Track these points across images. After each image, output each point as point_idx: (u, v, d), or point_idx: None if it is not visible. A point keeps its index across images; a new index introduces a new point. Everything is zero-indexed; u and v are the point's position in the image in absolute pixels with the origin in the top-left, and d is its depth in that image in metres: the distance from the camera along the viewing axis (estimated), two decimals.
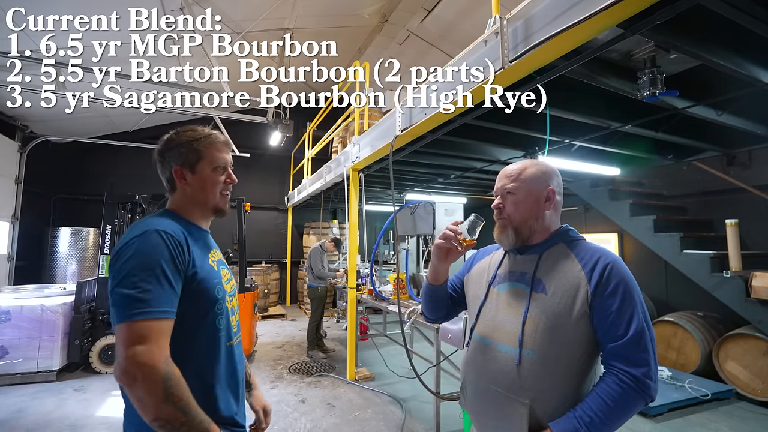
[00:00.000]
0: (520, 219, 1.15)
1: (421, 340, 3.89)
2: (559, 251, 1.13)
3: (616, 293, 1.01)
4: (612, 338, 1.00)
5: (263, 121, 5.79)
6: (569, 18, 1.57)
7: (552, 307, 1.05)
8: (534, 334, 1.05)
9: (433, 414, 3.05)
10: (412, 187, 6.84)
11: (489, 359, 1.13)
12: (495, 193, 1.22)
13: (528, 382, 1.04)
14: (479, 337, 1.19)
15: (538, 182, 1.16)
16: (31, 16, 1.96)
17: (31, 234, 6.23)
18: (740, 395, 3.78)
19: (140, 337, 0.86)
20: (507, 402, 1.07)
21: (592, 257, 1.07)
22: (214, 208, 1.12)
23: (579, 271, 1.06)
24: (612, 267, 1.03)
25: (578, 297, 1.03)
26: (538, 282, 1.10)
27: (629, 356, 0.98)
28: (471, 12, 5.66)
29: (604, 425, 0.95)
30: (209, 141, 1.10)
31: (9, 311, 3.95)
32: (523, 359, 1.05)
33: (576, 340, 1.03)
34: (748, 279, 3.53)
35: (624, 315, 0.99)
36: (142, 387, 0.84)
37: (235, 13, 5.12)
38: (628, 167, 4.47)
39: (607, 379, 0.99)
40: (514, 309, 1.12)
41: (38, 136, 6.26)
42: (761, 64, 2.12)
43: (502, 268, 1.22)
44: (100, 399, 3.65)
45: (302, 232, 9.13)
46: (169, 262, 0.94)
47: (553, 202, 1.17)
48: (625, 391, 0.96)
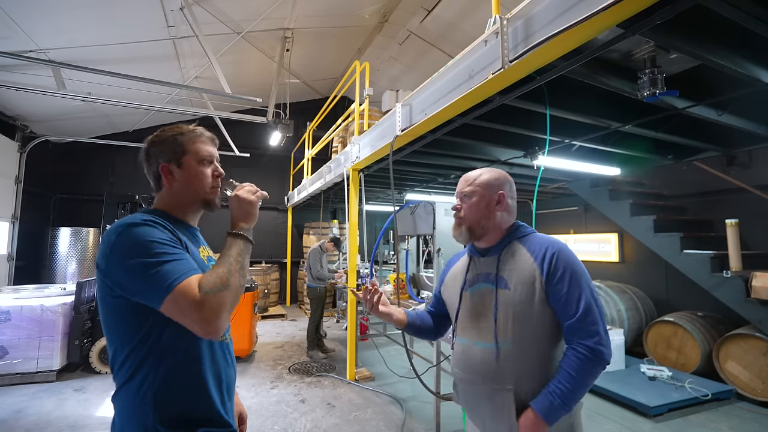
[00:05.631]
0: (473, 218, 1.30)
1: (421, 340, 3.90)
2: (514, 248, 1.27)
3: (564, 278, 1.16)
4: (566, 316, 1.15)
5: (263, 121, 5.79)
6: (569, 18, 1.57)
7: (515, 299, 1.19)
8: (505, 327, 1.20)
9: (433, 414, 3.05)
10: (412, 187, 6.83)
11: (471, 356, 1.27)
12: (456, 196, 1.37)
13: (508, 371, 1.18)
14: (460, 338, 1.33)
15: (491, 187, 1.31)
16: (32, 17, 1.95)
17: (30, 234, 6.24)
18: (740, 395, 3.78)
19: (184, 295, 0.87)
20: (494, 392, 1.20)
21: (541, 248, 1.21)
22: (204, 200, 1.11)
23: (532, 263, 1.20)
24: (558, 255, 1.18)
25: (535, 285, 1.18)
26: (501, 279, 1.24)
27: (582, 329, 1.12)
28: (471, 12, 5.66)
29: (573, 393, 1.10)
30: (194, 135, 1.10)
31: (9, 311, 3.95)
32: (500, 351, 1.20)
33: (541, 324, 1.18)
34: (748, 279, 3.53)
35: (573, 295, 1.14)
36: (220, 311, 0.88)
37: (235, 13, 5.11)
38: (628, 167, 4.47)
39: (568, 353, 1.14)
40: (484, 308, 1.26)
41: (38, 136, 6.27)
42: (761, 64, 2.11)
43: (470, 272, 1.36)
44: (100, 399, 3.65)
45: (302, 232, 9.13)
46: (167, 237, 0.96)
47: (504, 205, 1.31)
48: (582, 361, 1.10)
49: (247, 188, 1.09)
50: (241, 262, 0.98)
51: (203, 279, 0.90)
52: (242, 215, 1.05)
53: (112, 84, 5.07)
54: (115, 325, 0.95)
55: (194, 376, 0.98)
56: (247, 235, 1.03)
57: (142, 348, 0.93)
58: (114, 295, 0.93)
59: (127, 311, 0.94)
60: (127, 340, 0.94)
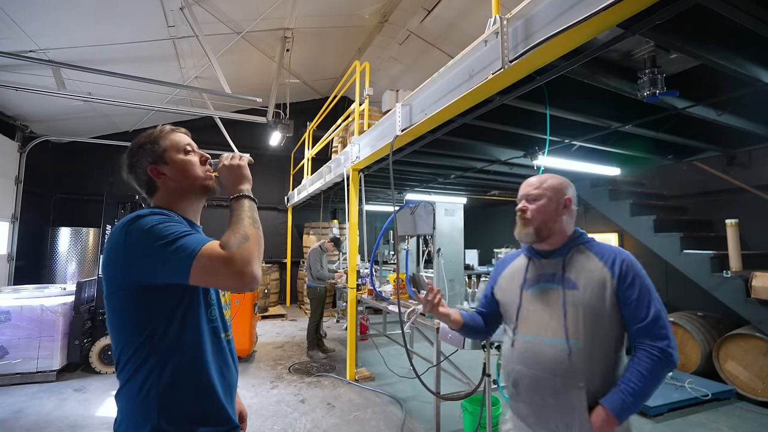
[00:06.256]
0: (541, 220, 1.35)
1: (421, 340, 3.90)
2: (580, 252, 1.34)
3: (634, 284, 1.23)
4: (637, 320, 1.22)
5: (263, 121, 5.79)
6: (569, 18, 1.57)
7: (586, 300, 1.25)
8: (576, 326, 1.25)
9: (433, 414, 3.05)
10: (412, 187, 6.83)
11: (539, 353, 1.30)
12: (519, 198, 1.42)
13: (579, 368, 1.23)
14: (524, 336, 1.36)
15: (558, 192, 1.37)
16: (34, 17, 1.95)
17: (31, 234, 6.24)
18: (740, 395, 3.78)
19: (209, 257, 0.89)
20: (564, 388, 1.24)
21: (610, 255, 1.29)
22: (202, 186, 1.12)
23: (602, 267, 1.27)
24: (628, 262, 1.26)
25: (606, 289, 1.24)
26: (568, 280, 1.30)
27: (653, 332, 1.19)
28: (471, 12, 5.66)
29: (644, 393, 1.17)
30: (165, 131, 1.12)
31: (9, 311, 3.95)
32: (572, 348, 1.24)
33: (610, 326, 1.24)
34: (748, 279, 3.53)
35: (643, 300, 1.21)
36: (250, 260, 0.92)
37: (235, 13, 5.11)
38: (628, 167, 4.47)
39: (639, 354, 1.20)
40: (551, 306, 1.31)
41: (38, 136, 6.27)
42: (761, 64, 2.11)
43: (530, 272, 1.41)
44: (100, 399, 3.65)
45: (302, 232, 9.13)
46: (178, 219, 1.00)
47: (569, 210, 1.38)
48: (654, 362, 1.17)
49: (231, 156, 1.12)
50: (252, 216, 1.02)
51: (223, 238, 0.93)
52: (237, 179, 1.08)
53: (112, 84, 5.07)
54: (120, 324, 0.96)
55: (200, 374, 0.98)
56: (249, 195, 1.07)
57: (146, 346, 0.94)
58: (126, 288, 0.94)
59: (131, 310, 0.94)
60: (131, 338, 0.94)
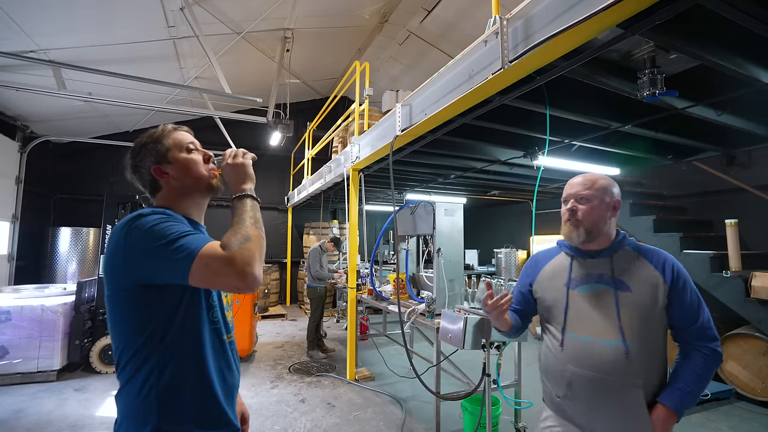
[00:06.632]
0: (592, 221, 1.34)
1: (421, 340, 3.90)
2: (627, 254, 1.35)
3: (686, 288, 1.28)
4: (689, 322, 1.28)
5: (263, 121, 5.80)
6: (569, 18, 1.57)
7: (639, 302, 1.28)
8: (631, 327, 1.27)
9: (433, 414, 3.05)
10: (412, 187, 6.83)
11: (596, 354, 1.30)
12: (566, 198, 1.41)
13: (637, 367, 1.25)
14: (576, 336, 1.36)
15: (609, 193, 1.36)
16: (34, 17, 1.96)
17: (31, 234, 6.24)
18: (740, 395, 3.78)
19: (211, 256, 0.88)
20: (621, 388, 1.26)
21: (660, 258, 1.32)
22: (206, 185, 1.12)
23: (653, 270, 1.30)
24: (678, 267, 1.31)
25: (659, 292, 1.28)
26: (620, 282, 1.31)
27: (705, 334, 1.27)
28: (471, 12, 5.66)
29: (699, 389, 1.26)
30: (168, 130, 1.12)
31: (9, 311, 3.95)
32: (629, 348, 1.26)
33: (658, 327, 1.29)
34: (748, 279, 3.53)
35: (694, 304, 1.28)
36: (252, 260, 0.89)
37: (235, 13, 5.12)
38: (628, 167, 4.47)
39: (693, 354, 1.28)
40: (603, 307, 1.32)
41: (38, 136, 6.27)
42: (761, 64, 2.11)
43: (575, 272, 1.41)
44: (100, 399, 3.65)
45: (302, 232, 9.13)
46: (180, 219, 1.00)
47: (617, 211, 1.38)
48: (707, 360, 1.27)
49: (234, 153, 1.11)
50: (255, 216, 1.01)
51: (224, 239, 0.92)
52: (240, 178, 1.08)
53: (113, 84, 5.07)
54: (121, 324, 0.96)
55: (201, 376, 0.98)
56: (252, 194, 1.07)
57: (147, 347, 0.93)
58: (127, 288, 0.93)
59: (132, 310, 0.94)
60: (132, 338, 0.94)
